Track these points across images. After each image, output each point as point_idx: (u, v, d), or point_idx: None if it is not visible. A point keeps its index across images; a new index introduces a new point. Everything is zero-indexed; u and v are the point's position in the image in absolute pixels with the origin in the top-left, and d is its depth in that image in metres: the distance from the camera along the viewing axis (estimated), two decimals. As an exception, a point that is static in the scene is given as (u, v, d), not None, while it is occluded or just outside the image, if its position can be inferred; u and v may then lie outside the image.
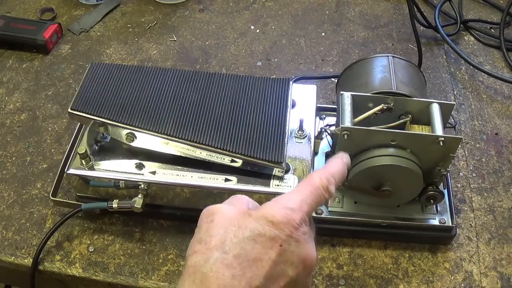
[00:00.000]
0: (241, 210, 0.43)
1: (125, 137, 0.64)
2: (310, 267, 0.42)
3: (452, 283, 0.64)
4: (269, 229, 0.40)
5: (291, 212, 0.41)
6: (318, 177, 0.45)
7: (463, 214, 0.70)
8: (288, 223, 0.41)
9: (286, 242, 0.40)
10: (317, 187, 0.44)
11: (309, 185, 0.44)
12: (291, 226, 0.41)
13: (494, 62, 0.91)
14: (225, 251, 0.40)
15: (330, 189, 0.44)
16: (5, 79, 0.88)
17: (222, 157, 0.62)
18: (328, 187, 0.44)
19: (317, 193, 0.44)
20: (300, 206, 0.42)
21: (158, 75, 0.69)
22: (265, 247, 0.40)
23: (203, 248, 0.40)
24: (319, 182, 0.44)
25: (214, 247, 0.40)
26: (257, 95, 0.68)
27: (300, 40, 0.95)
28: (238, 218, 0.41)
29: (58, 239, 0.67)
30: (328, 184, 0.44)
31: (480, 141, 0.79)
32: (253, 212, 0.42)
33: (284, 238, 0.40)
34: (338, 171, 0.47)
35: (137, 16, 0.99)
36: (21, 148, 0.77)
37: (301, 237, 0.41)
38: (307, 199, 0.43)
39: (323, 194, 0.44)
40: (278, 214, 0.41)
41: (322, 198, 0.44)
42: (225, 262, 0.39)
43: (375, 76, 0.65)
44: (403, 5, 1.01)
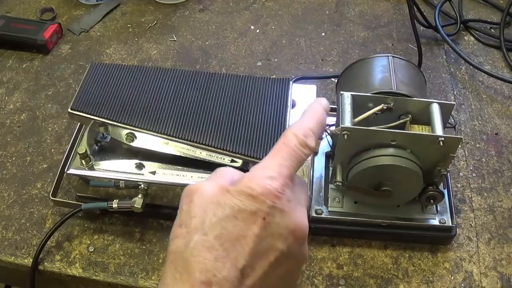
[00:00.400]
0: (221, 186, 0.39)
1: (125, 137, 0.64)
2: (302, 237, 0.40)
3: (452, 283, 0.64)
4: (249, 203, 0.37)
5: (270, 180, 0.38)
6: (293, 134, 0.41)
7: (463, 214, 0.70)
8: (269, 194, 0.38)
9: (269, 215, 0.38)
10: (294, 145, 0.40)
11: (284, 145, 0.40)
12: (272, 196, 0.38)
13: (494, 62, 0.91)
14: (205, 232, 0.37)
15: (310, 144, 0.41)
16: (5, 79, 0.88)
17: (222, 157, 0.62)
18: (307, 142, 0.41)
19: (295, 152, 0.40)
20: (279, 171, 0.39)
21: (158, 75, 0.69)
22: (247, 223, 0.37)
23: (183, 231, 0.38)
24: (295, 140, 0.41)
25: (194, 229, 0.38)
26: (257, 95, 0.68)
27: (300, 40, 0.95)
28: (218, 195, 0.38)
29: (58, 239, 0.67)
30: (305, 139, 0.41)
31: (480, 141, 0.79)
32: (231, 187, 0.39)
33: (267, 211, 0.37)
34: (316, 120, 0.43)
35: (137, 16, 0.99)
36: (21, 148, 0.77)
37: (285, 206, 0.38)
38: (285, 161, 0.39)
39: (303, 151, 0.40)
40: (256, 186, 0.38)
41: (303, 156, 0.40)
42: (205, 245, 0.37)
43: (375, 76, 0.65)
44: (403, 5, 1.01)
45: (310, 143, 0.41)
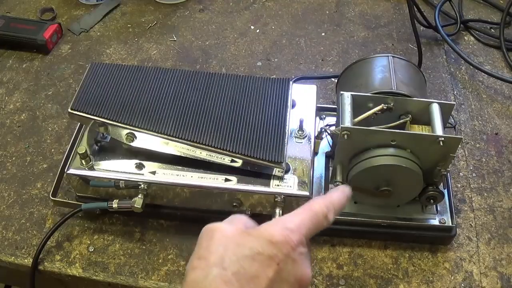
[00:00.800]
0: (240, 229, 0.43)
1: (125, 137, 0.64)
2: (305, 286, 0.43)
3: (452, 283, 0.64)
4: (267, 248, 0.41)
5: (289, 232, 0.42)
6: (318, 204, 0.46)
7: (463, 214, 0.70)
8: (286, 243, 0.42)
9: (283, 262, 0.41)
10: (316, 212, 0.45)
11: (309, 209, 0.45)
12: (289, 246, 0.42)
13: (494, 62, 0.91)
14: (224, 267, 0.40)
15: (329, 217, 0.46)
16: (5, 79, 0.88)
17: (222, 157, 0.62)
18: (327, 214, 0.46)
19: (316, 218, 0.45)
20: (299, 227, 0.43)
21: (158, 75, 0.69)
22: (263, 265, 0.41)
23: (202, 264, 0.41)
24: (319, 208, 0.45)
25: (213, 263, 0.41)
26: (257, 95, 0.68)
27: (300, 40, 0.95)
28: (237, 236, 0.42)
29: (58, 239, 0.67)
30: (327, 211, 0.46)
31: (480, 141, 0.79)
32: (252, 231, 0.43)
33: (282, 258, 0.41)
34: (338, 200, 0.48)
35: (137, 16, 0.99)
36: (21, 148, 0.77)
37: (298, 257, 0.42)
38: (306, 222, 0.44)
39: (322, 220, 0.45)
40: (277, 234, 0.42)
41: (321, 224, 0.45)
42: (224, 279, 0.40)
43: (375, 76, 0.66)
44: (403, 5, 1.01)
45: (330, 216, 0.46)
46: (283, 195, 0.62)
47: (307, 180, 0.63)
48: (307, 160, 0.65)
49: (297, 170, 0.64)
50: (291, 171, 0.64)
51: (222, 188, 0.63)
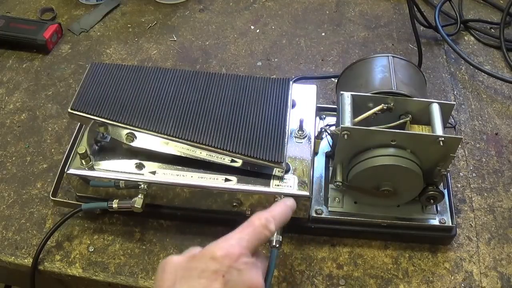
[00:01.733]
0: (187, 256, 0.48)
1: (125, 137, 0.64)
2: None
3: (452, 283, 0.64)
4: (210, 264, 0.45)
5: (229, 246, 0.47)
6: (257, 217, 0.50)
7: (463, 214, 0.70)
8: (226, 256, 0.46)
9: (228, 273, 0.45)
10: (255, 225, 0.50)
11: (248, 224, 0.50)
12: (230, 259, 0.46)
13: (494, 62, 0.91)
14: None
15: (270, 227, 0.50)
16: (5, 79, 0.88)
17: (222, 157, 0.62)
18: (267, 225, 0.50)
19: (255, 230, 0.49)
20: (239, 241, 0.48)
21: (158, 75, 0.69)
22: (209, 280, 0.45)
23: None
24: (257, 221, 0.50)
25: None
26: (257, 95, 0.68)
27: (300, 40, 0.95)
28: (185, 262, 0.47)
29: (58, 239, 0.67)
30: (266, 223, 0.50)
31: (480, 141, 0.79)
32: (197, 254, 0.48)
33: (225, 270, 0.45)
34: (279, 212, 0.53)
35: (137, 16, 0.99)
36: (21, 148, 0.77)
37: (242, 267, 0.46)
38: (245, 235, 0.49)
39: (263, 231, 0.50)
40: (217, 250, 0.46)
41: (263, 235, 0.50)
42: None
43: (375, 76, 0.66)
44: (403, 5, 1.01)
45: (271, 227, 0.50)
46: (283, 195, 0.62)
47: (307, 180, 0.63)
48: (307, 160, 0.65)
49: (297, 170, 0.64)
50: (291, 171, 0.64)
51: (222, 188, 0.63)
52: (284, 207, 0.55)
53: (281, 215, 0.53)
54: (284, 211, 0.54)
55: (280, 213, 0.53)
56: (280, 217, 0.53)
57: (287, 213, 0.54)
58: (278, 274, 0.65)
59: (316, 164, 0.70)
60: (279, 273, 0.65)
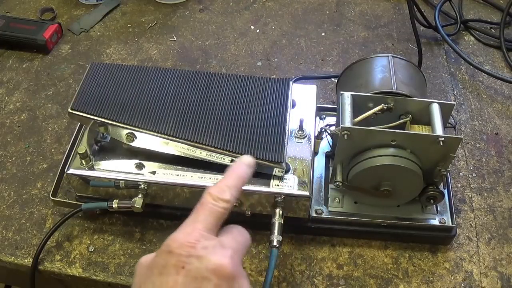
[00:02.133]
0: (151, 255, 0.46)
1: (125, 137, 0.64)
2: (225, 274, 0.43)
3: (452, 283, 0.64)
4: (169, 258, 0.43)
5: (183, 235, 0.45)
6: (207, 193, 0.47)
7: (463, 214, 0.70)
8: (182, 245, 0.44)
9: (187, 263, 0.43)
10: (207, 203, 0.47)
11: (199, 204, 0.47)
12: (186, 247, 0.43)
13: (494, 62, 0.91)
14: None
15: (223, 197, 0.47)
16: (5, 79, 0.88)
17: (222, 157, 0.62)
18: (219, 196, 0.47)
19: (208, 207, 0.46)
20: (193, 226, 0.45)
21: (158, 75, 0.69)
22: (171, 275, 0.43)
23: None
24: (208, 198, 0.47)
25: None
26: (257, 95, 0.68)
27: (300, 40, 0.95)
28: (148, 262, 0.45)
29: (58, 239, 0.67)
30: (218, 194, 0.47)
31: (480, 141, 0.79)
32: (157, 251, 0.45)
33: (184, 260, 0.43)
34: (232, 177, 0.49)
35: (137, 16, 0.99)
36: (21, 148, 0.77)
37: (201, 252, 0.43)
38: (199, 217, 0.46)
39: (217, 205, 0.46)
40: (172, 242, 0.44)
41: (218, 208, 0.46)
42: None
43: (375, 76, 0.66)
44: (403, 5, 1.01)
45: (224, 196, 0.47)
46: (283, 195, 0.62)
47: (307, 180, 0.63)
48: (307, 160, 0.65)
49: (297, 170, 0.64)
50: (291, 171, 0.64)
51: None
52: (237, 168, 0.50)
53: (235, 178, 0.49)
54: (237, 173, 0.50)
55: (233, 177, 0.49)
56: (235, 181, 0.49)
57: (241, 173, 0.50)
58: (278, 274, 0.65)
59: (316, 164, 0.70)
60: (279, 273, 0.65)
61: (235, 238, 0.47)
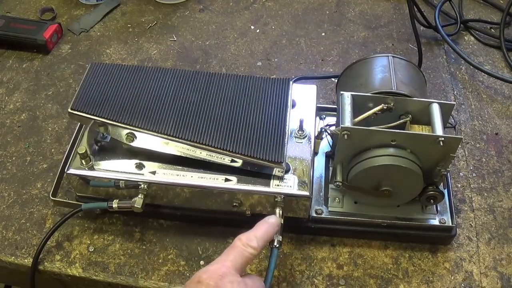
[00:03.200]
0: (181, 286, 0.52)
1: (125, 137, 0.64)
2: None
3: (452, 283, 0.64)
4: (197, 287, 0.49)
5: (213, 268, 0.50)
6: (238, 239, 0.53)
7: (463, 214, 0.70)
8: (211, 277, 0.49)
9: None
10: (237, 246, 0.53)
11: (230, 247, 0.53)
12: (215, 278, 0.49)
13: (494, 62, 0.91)
14: None
15: (252, 244, 0.53)
16: (5, 79, 0.88)
17: (222, 157, 0.62)
18: (248, 243, 0.53)
19: (237, 250, 0.52)
20: (222, 262, 0.51)
21: (158, 75, 0.69)
22: None
23: None
24: (238, 242, 0.53)
25: None
26: (257, 95, 0.68)
27: (300, 40, 0.95)
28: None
29: (58, 239, 0.67)
30: (247, 241, 0.53)
31: (480, 141, 0.79)
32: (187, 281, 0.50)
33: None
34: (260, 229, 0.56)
35: (137, 16, 0.99)
36: (21, 148, 0.77)
37: (227, 285, 0.49)
38: (228, 257, 0.52)
39: (245, 249, 0.52)
40: (202, 274, 0.50)
41: (246, 253, 0.52)
42: None
43: (375, 76, 0.66)
44: (403, 5, 1.01)
45: (253, 244, 0.53)
46: (283, 195, 0.62)
47: (307, 180, 0.63)
48: (307, 160, 0.65)
49: (297, 170, 0.64)
50: (291, 171, 0.64)
51: (222, 188, 0.63)
52: (266, 224, 0.57)
53: (263, 232, 0.55)
54: (265, 228, 0.56)
55: (262, 230, 0.56)
56: (262, 234, 0.55)
57: (269, 229, 0.57)
58: (278, 274, 0.65)
59: (316, 164, 0.70)
60: (279, 273, 0.65)
61: (255, 282, 0.53)
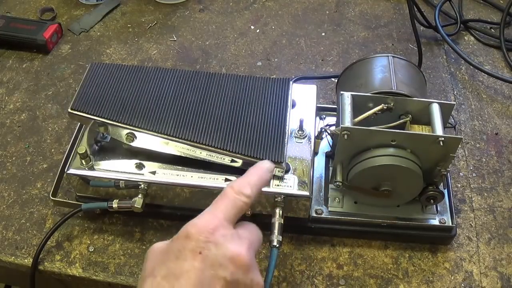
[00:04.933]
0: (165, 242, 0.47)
1: (125, 137, 0.64)
2: (242, 264, 0.45)
3: (452, 283, 0.64)
4: (186, 243, 0.44)
5: (203, 222, 0.45)
6: (229, 187, 0.49)
7: (463, 214, 0.70)
8: (201, 232, 0.44)
9: (205, 248, 0.44)
10: (228, 195, 0.48)
11: (221, 196, 0.49)
12: (205, 233, 0.44)
13: (494, 62, 0.91)
14: (154, 275, 0.44)
15: (245, 192, 0.48)
16: (5, 79, 0.88)
17: (222, 157, 0.62)
18: (241, 191, 0.48)
19: (229, 199, 0.48)
20: (213, 213, 0.46)
21: (158, 75, 0.69)
22: (187, 259, 0.43)
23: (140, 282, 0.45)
24: (230, 190, 0.49)
25: (147, 275, 0.44)
26: (257, 95, 0.68)
27: (300, 40, 0.95)
28: (163, 247, 0.46)
29: (58, 239, 0.67)
30: (239, 189, 0.48)
31: (480, 141, 0.79)
32: (174, 237, 0.46)
33: (202, 245, 0.44)
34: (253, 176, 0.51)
35: (137, 16, 0.99)
36: (21, 148, 0.77)
37: (220, 239, 0.44)
38: (219, 207, 0.47)
39: (238, 198, 0.48)
40: (191, 228, 0.45)
41: (239, 202, 0.48)
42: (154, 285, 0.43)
43: (375, 76, 0.66)
44: (403, 5, 1.01)
45: (246, 191, 0.48)
46: (283, 195, 0.62)
47: (307, 180, 0.63)
48: (307, 160, 0.65)
49: (297, 170, 0.64)
50: (291, 171, 0.64)
51: (222, 188, 0.62)
52: (259, 169, 0.53)
53: (257, 178, 0.51)
54: (259, 174, 0.52)
55: (255, 177, 0.51)
56: (256, 180, 0.51)
57: (262, 175, 0.52)
58: (278, 274, 0.65)
59: (316, 164, 0.70)
60: (279, 273, 0.65)
61: (251, 232, 0.48)
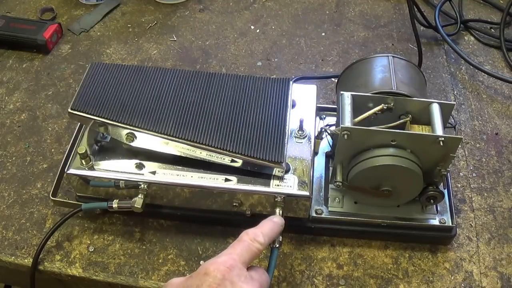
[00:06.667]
0: (185, 276, 0.51)
1: (125, 137, 0.64)
2: None
3: (452, 283, 0.64)
4: (204, 279, 0.48)
5: (220, 261, 0.49)
6: (245, 233, 0.53)
7: (463, 214, 0.70)
8: (218, 269, 0.48)
9: (221, 285, 0.48)
10: (243, 240, 0.53)
11: (237, 241, 0.53)
12: (222, 271, 0.48)
13: (494, 62, 0.91)
14: None
15: (258, 239, 0.53)
16: (5, 79, 0.88)
17: (222, 157, 0.62)
18: (255, 238, 0.53)
19: (244, 244, 0.52)
20: (230, 255, 0.51)
21: (158, 75, 0.69)
22: None
23: None
24: (246, 236, 0.53)
25: None
26: (257, 95, 0.68)
27: (300, 40, 0.95)
28: (183, 282, 0.50)
29: (58, 239, 0.67)
30: (254, 236, 0.53)
31: (480, 141, 0.79)
32: (193, 273, 0.50)
33: (218, 282, 0.48)
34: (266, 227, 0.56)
35: (137, 16, 0.99)
36: (21, 148, 0.77)
37: (235, 279, 0.48)
38: (235, 250, 0.51)
39: (252, 243, 0.52)
40: (209, 265, 0.49)
41: (253, 247, 0.52)
42: None
43: (375, 76, 0.66)
44: (403, 5, 1.01)
45: (259, 239, 0.53)
46: (283, 195, 0.62)
47: (307, 180, 0.63)
48: (307, 160, 0.65)
49: (297, 170, 0.64)
50: (291, 171, 0.64)
51: (222, 188, 0.63)
52: (271, 223, 0.57)
53: (269, 230, 0.56)
54: (271, 226, 0.56)
55: (268, 227, 0.56)
56: (268, 231, 0.55)
57: (274, 227, 0.57)
58: (278, 274, 0.65)
59: (316, 164, 0.70)
60: (279, 273, 0.65)
61: (261, 275, 0.52)
